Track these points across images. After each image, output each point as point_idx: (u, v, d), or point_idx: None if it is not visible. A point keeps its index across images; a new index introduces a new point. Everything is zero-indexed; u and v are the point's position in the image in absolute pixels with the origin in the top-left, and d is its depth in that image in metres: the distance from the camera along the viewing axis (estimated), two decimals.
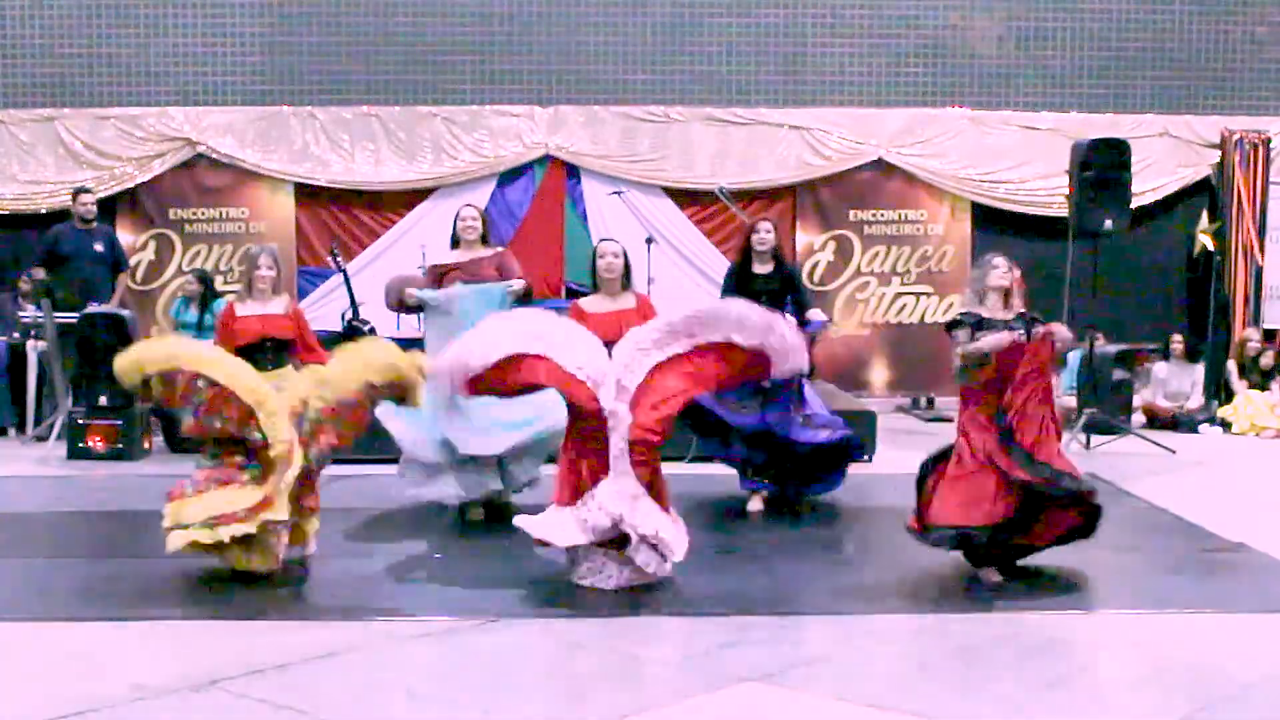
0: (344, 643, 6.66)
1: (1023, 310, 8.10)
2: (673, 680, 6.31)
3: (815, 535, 9.23)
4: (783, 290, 10.01)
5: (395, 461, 9.40)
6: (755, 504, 9.92)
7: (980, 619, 7.16)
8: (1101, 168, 12.60)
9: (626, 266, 8.67)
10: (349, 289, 12.69)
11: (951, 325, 8.00)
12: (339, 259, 12.36)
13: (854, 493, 10.33)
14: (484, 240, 9.80)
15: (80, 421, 11.76)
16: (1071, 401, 13.37)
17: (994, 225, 15.42)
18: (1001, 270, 8.05)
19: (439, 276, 9.57)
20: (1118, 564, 8.40)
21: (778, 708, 5.85)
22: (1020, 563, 8.01)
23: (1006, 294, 8.11)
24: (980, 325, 7.86)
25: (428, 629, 6.95)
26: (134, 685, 5.96)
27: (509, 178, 15.06)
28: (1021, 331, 7.79)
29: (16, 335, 12.81)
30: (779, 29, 15.40)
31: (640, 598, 7.46)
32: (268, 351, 8.30)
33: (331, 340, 12.32)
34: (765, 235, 9.91)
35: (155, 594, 7.51)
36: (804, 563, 8.43)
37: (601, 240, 9.10)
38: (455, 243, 9.75)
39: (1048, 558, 8.09)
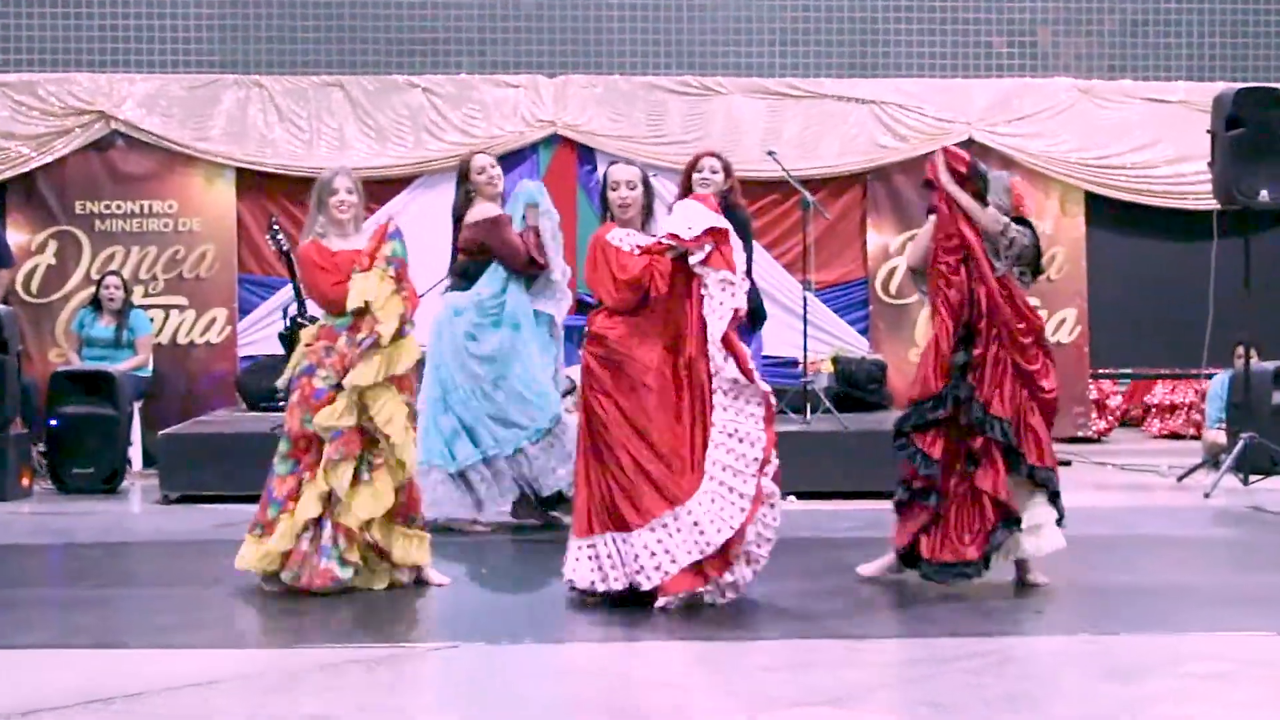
0: (253, 668, 5.70)
1: None
2: (701, 706, 5.31)
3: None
4: None
5: None
6: None
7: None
8: (1254, 124, 11.70)
9: (648, 201, 7.79)
10: (294, 280, 11.74)
11: None
12: (280, 238, 11.43)
13: None
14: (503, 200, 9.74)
15: None
16: (1222, 436, 12.60)
17: (1113, 221, 14.88)
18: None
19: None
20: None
21: None
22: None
23: None
24: None
25: (375, 655, 6.05)
26: None
27: (507, 163, 14.18)
28: None
29: None
30: None
31: (658, 622, 7.00)
32: None
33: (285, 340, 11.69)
34: (711, 175, 9.10)
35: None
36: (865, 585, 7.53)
37: (613, 164, 8.12)
38: (468, 201, 9.60)
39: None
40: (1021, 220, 7.84)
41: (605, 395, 7.33)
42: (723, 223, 7.42)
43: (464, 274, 9.62)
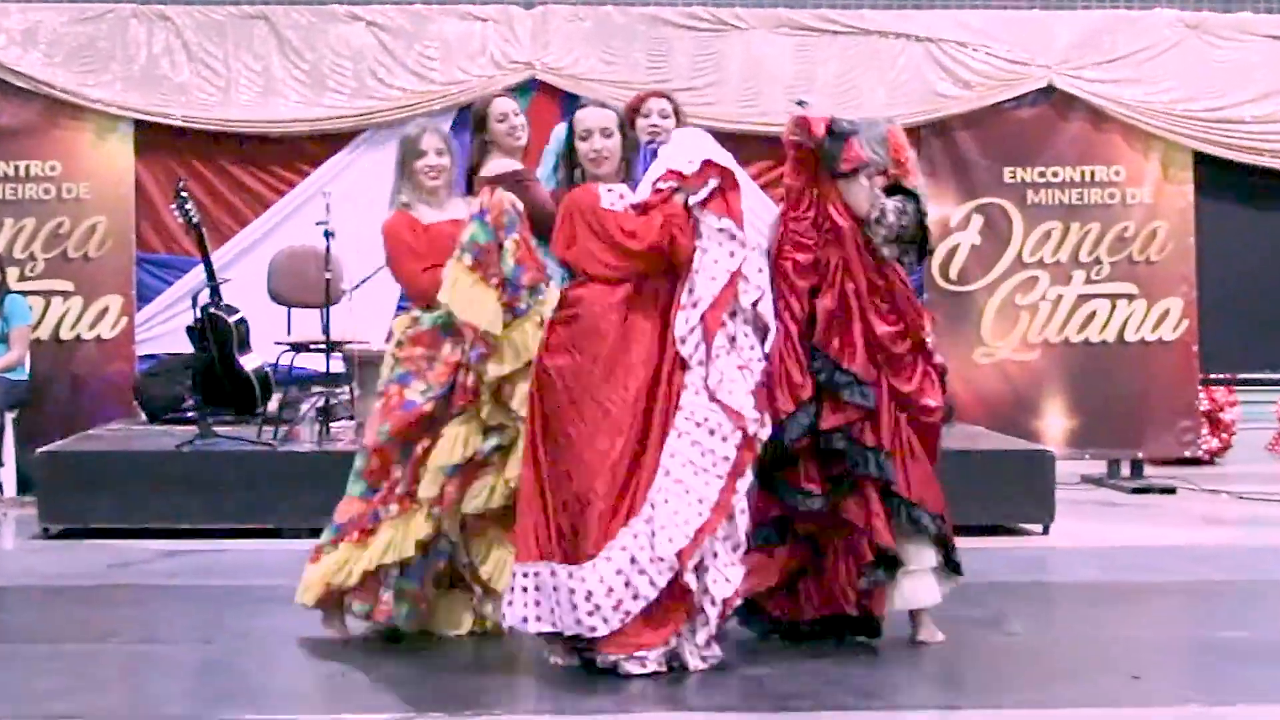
0: None
1: None
2: None
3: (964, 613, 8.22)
4: None
5: None
6: None
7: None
8: None
9: (626, 153, 7.77)
10: (206, 259, 11.74)
11: None
12: (189, 207, 11.42)
13: (1021, 566, 10.09)
14: None
15: None
16: None
17: (1229, 188, 14.78)
18: None
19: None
20: None
21: None
22: None
23: None
24: None
25: None
26: None
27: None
28: None
29: None
30: None
31: (655, 689, 7.02)
32: None
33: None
34: (661, 121, 8.89)
35: None
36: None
37: (581, 108, 8.04)
38: (483, 155, 9.28)
39: None
40: (898, 189, 7.77)
41: (570, 373, 7.28)
42: (728, 159, 7.36)
43: None
